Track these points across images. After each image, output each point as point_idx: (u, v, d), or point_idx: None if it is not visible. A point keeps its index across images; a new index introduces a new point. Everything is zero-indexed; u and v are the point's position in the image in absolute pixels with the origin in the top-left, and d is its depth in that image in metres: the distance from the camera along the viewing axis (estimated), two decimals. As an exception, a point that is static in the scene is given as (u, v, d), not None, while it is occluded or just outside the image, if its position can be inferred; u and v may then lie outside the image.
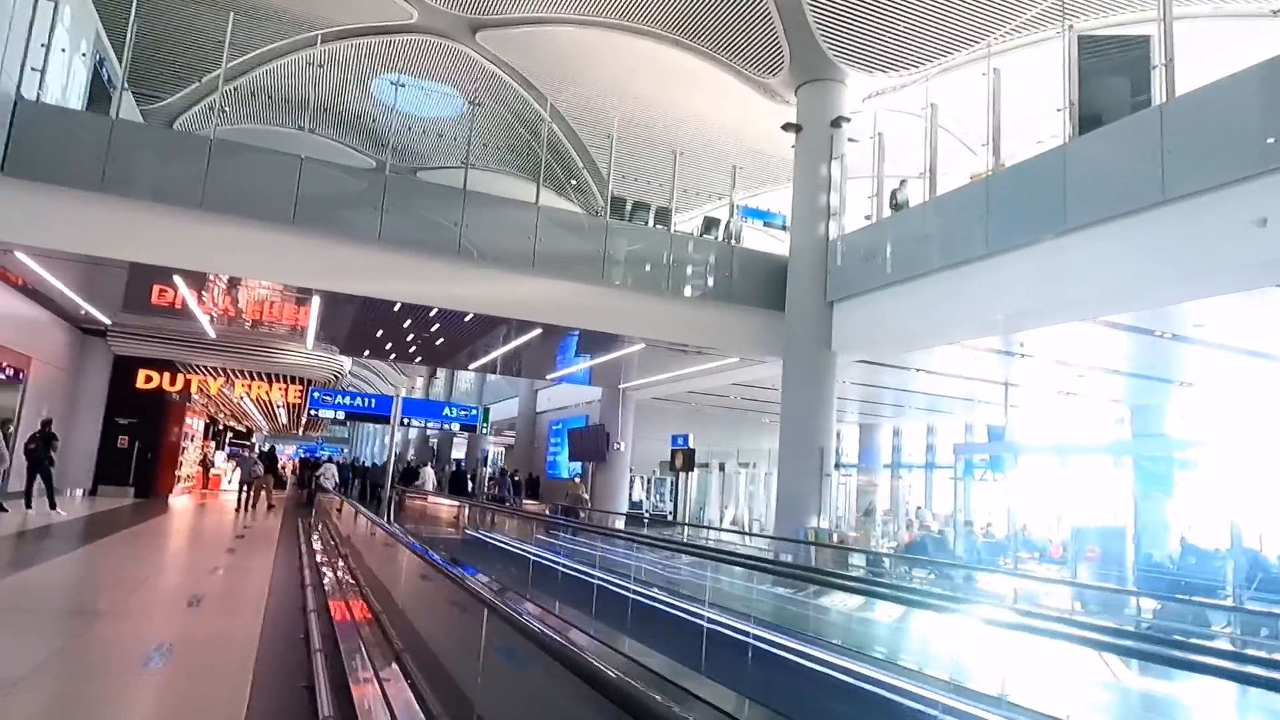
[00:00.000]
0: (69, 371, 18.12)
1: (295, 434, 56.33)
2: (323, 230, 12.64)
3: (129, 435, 19.53)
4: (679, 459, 18.76)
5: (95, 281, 15.37)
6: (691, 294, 14.87)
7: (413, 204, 13.33)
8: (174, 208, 11.89)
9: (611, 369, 20.41)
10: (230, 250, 12.31)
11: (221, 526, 14.01)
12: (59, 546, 10.29)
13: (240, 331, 19.12)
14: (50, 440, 13.52)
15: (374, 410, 17.52)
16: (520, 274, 13.72)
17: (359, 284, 13.07)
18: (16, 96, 11.22)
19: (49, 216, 11.42)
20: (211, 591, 7.16)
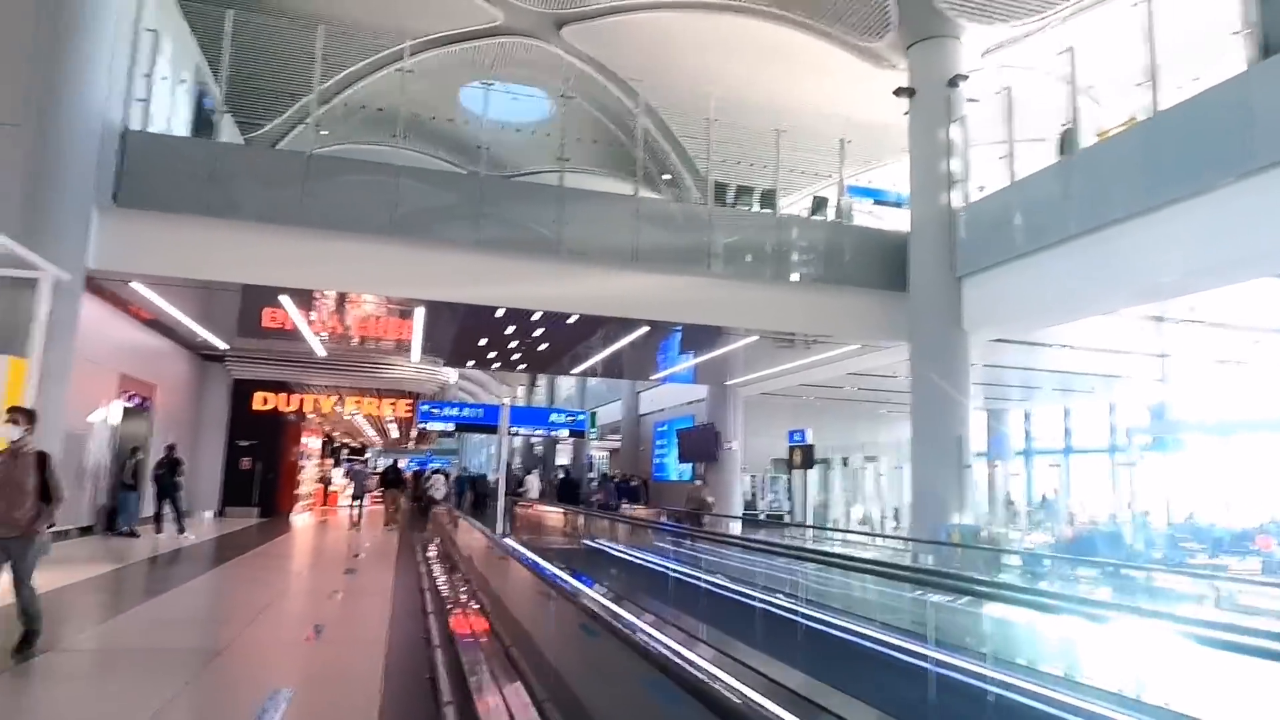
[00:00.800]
0: (191, 397, 18.68)
1: (406, 448, 57.81)
2: (421, 239, 12.38)
3: (250, 457, 20.02)
4: (797, 456, 17.79)
5: (210, 308, 15.70)
6: (803, 279, 13.95)
7: (509, 206, 12.93)
8: (277, 226, 11.86)
9: (717, 366, 19.62)
10: (332, 265, 12.20)
11: (340, 544, 13.98)
12: (184, 572, 10.29)
13: (348, 349, 19.28)
14: (176, 465, 13.79)
15: (482, 420, 17.34)
16: (621, 270, 13.14)
17: (459, 291, 12.78)
18: (124, 128, 11.38)
19: (161, 244, 11.54)
20: (332, 620, 6.80)
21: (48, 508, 5.29)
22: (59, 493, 5.37)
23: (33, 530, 5.22)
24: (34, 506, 5.22)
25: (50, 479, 5.32)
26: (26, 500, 5.20)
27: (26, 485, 5.21)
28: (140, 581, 9.37)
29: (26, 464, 5.28)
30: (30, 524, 5.20)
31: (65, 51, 10.53)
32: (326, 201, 12.06)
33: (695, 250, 13.48)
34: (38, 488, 5.26)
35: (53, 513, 5.35)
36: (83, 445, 12.64)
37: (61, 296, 10.04)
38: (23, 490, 5.19)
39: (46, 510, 5.28)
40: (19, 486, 5.20)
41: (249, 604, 7.72)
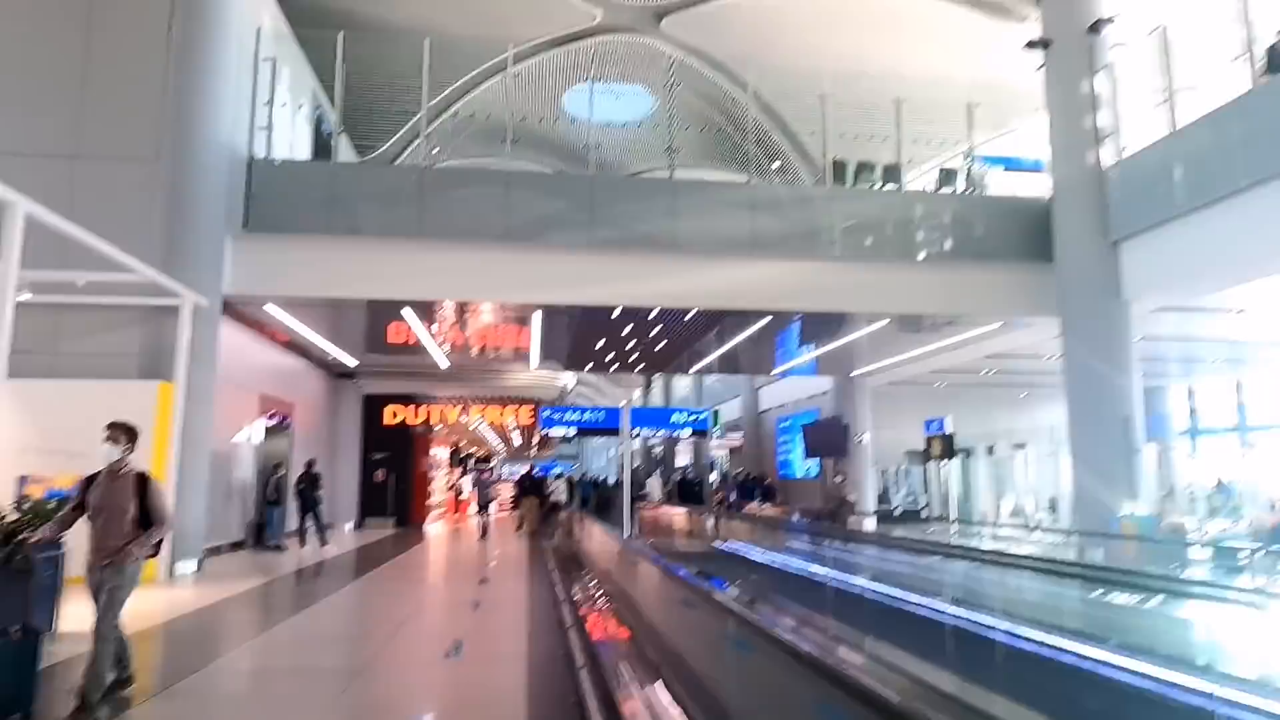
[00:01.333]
0: (327, 414, 19.40)
1: (528, 455, 59.01)
2: (535, 244, 12.26)
3: (384, 469, 20.63)
4: (936, 446, 16.70)
5: (339, 327, 16.20)
6: (935, 257, 13.01)
7: (620, 205, 12.63)
8: (397, 241, 12.01)
9: (841, 356, 18.72)
10: (451, 275, 12.25)
11: (472, 553, 14.07)
12: (325, 586, 10.49)
13: (469, 360, 19.59)
14: (315, 480, 14.25)
15: (603, 423, 17.15)
16: (739, 260, 12.62)
17: (575, 293, 12.58)
18: (249, 156, 11.78)
19: (289, 266, 11.88)
20: (470, 634, 6.61)
21: (147, 534, 4.75)
22: (161, 516, 4.82)
23: (126, 557, 4.66)
24: (133, 532, 4.71)
25: (152, 502, 4.80)
26: (125, 525, 4.70)
27: (127, 509, 4.72)
28: (285, 596, 9.57)
29: (126, 486, 4.78)
30: (124, 550, 4.65)
31: (194, 87, 10.98)
32: (442, 214, 12.12)
33: (816, 234, 12.79)
34: (137, 512, 4.74)
35: (154, 539, 4.82)
36: (229, 464, 13.19)
37: (201, 321, 10.45)
38: (122, 514, 4.70)
39: (145, 536, 4.74)
40: (118, 510, 4.71)
41: (388, 618, 7.67)
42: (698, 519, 15.62)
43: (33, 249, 8.63)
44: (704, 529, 15.60)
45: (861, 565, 8.15)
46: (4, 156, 9.66)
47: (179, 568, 10.02)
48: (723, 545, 13.43)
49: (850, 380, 21.06)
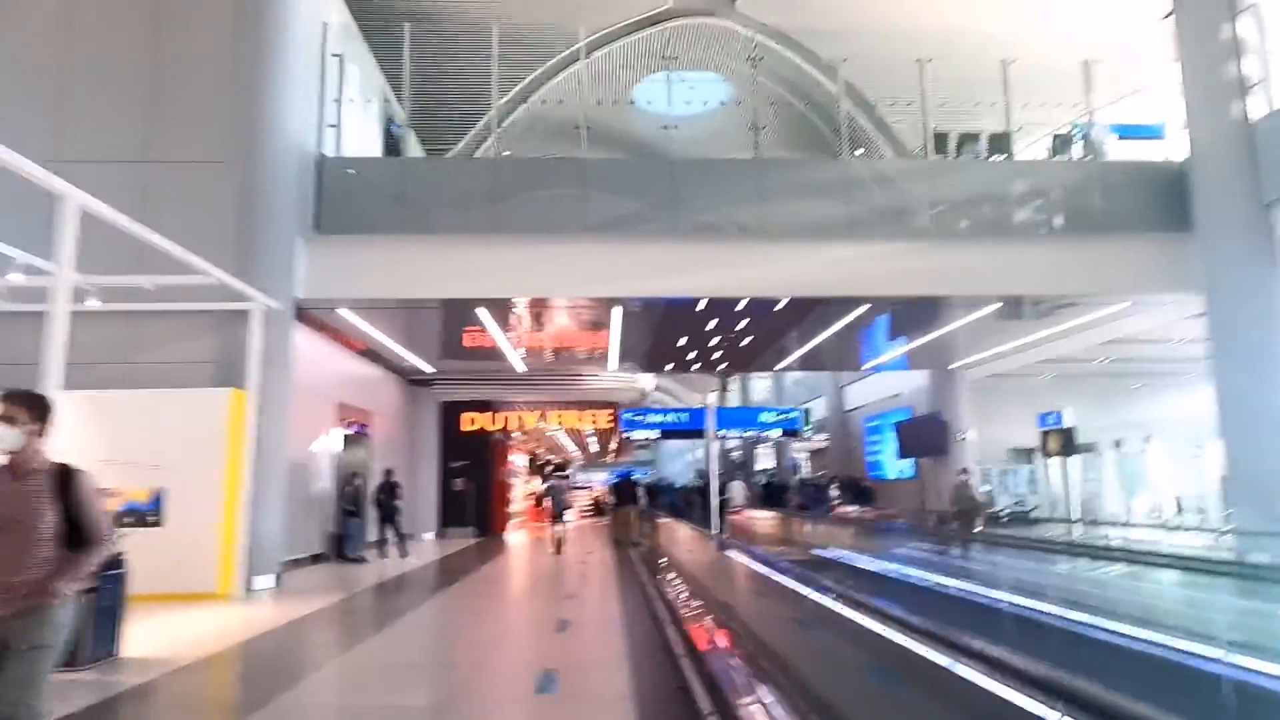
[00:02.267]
0: (405, 422, 19.12)
1: (605, 461, 58.59)
2: (615, 234, 11.54)
3: (463, 477, 20.24)
4: (1053, 441, 15.26)
5: (415, 333, 15.80)
6: (1052, 232, 11.74)
7: (704, 188, 11.79)
8: (470, 237, 11.48)
9: (938, 348, 17.40)
10: (527, 271, 11.60)
11: (558, 564, 13.39)
12: (405, 602, 9.94)
13: (546, 364, 19.04)
14: (394, 489, 13.82)
15: (687, 425, 16.36)
16: (832, 243, 11.64)
17: (658, 284, 11.78)
18: (319, 155, 11.40)
19: (361, 267, 11.44)
20: (562, 663, 5.85)
21: (76, 558, 3.04)
22: (96, 531, 3.08)
23: (45, 599, 2.93)
24: (53, 556, 3.00)
25: (81, 511, 3.06)
26: (38, 548, 2.98)
27: (37, 523, 2.98)
28: (362, 615, 9.03)
29: (38, 489, 3.03)
30: (41, 590, 2.93)
31: (262, 87, 10.62)
32: (517, 208, 11.52)
33: (918, 212, 11.72)
34: (61, 527, 3.03)
35: (86, 566, 3.08)
36: (307, 474, 12.85)
37: (274, 326, 10.04)
38: (30, 531, 2.97)
39: (73, 563, 3.03)
40: (25, 526, 2.98)
41: (472, 641, 7.00)
42: (790, 523, 14.62)
43: (106, 258, 8.41)
44: (796, 534, 14.58)
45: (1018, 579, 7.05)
46: (76, 164, 9.47)
47: (256, 582, 9.61)
48: (824, 552, 12.41)
49: (949, 374, 19.69)
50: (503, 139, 16.06)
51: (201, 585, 8.93)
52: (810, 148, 18.99)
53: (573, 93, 18.11)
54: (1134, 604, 5.86)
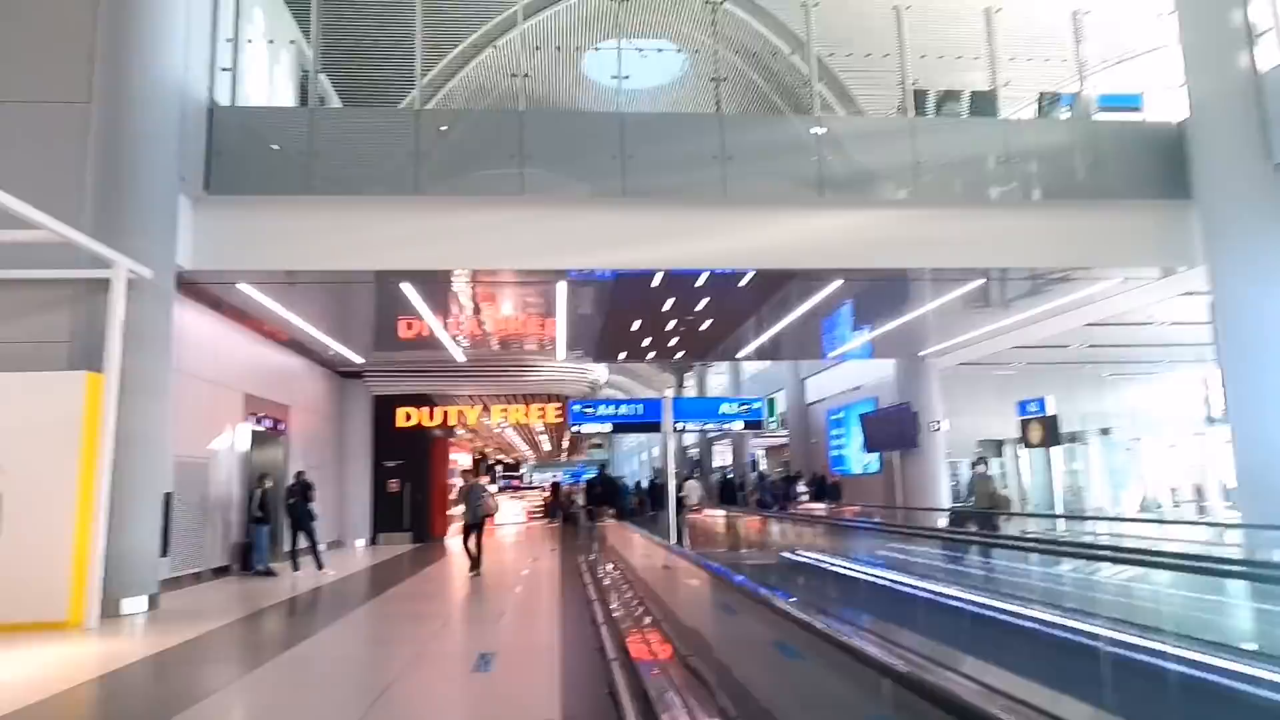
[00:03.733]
0: (332, 418, 17.40)
1: (559, 460, 57.00)
2: (558, 197, 10.13)
3: (398, 478, 18.59)
4: (1035, 431, 14.25)
5: (339, 317, 14.15)
6: (1041, 198, 10.68)
7: (658, 146, 10.42)
8: (391, 201, 9.97)
9: (908, 334, 16.31)
10: (458, 241, 10.12)
11: (496, 574, 11.91)
12: (305, 626, 8.40)
13: (489, 353, 17.53)
14: (306, 491, 12.16)
15: (642, 417, 15.00)
16: (804, 210, 10.41)
17: (609, 256, 10.38)
18: (210, 104, 9.75)
19: (261, 235, 9.85)
20: (488, 708, 4.41)
21: None
22: None
23: None
24: None
25: None
26: None
27: None
28: (244, 645, 7.45)
29: None
30: None
31: (133, 17, 8.93)
32: (444, 167, 10.04)
33: (895, 176, 10.53)
34: None
35: None
36: (205, 475, 11.16)
37: (148, 299, 8.40)
38: None
39: None
40: None
41: (364, 685, 5.51)
42: (754, 523, 13.37)
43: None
44: (758, 535, 13.33)
45: (1089, 596, 5.77)
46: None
47: (125, 605, 7.97)
48: (794, 555, 11.14)
49: (917, 362, 18.64)
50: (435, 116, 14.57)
51: (47, 611, 7.29)
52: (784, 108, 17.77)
53: (512, 65, 16.66)
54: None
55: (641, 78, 17.57)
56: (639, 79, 17.52)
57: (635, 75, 17.34)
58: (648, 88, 17.73)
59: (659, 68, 17.59)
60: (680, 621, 5.61)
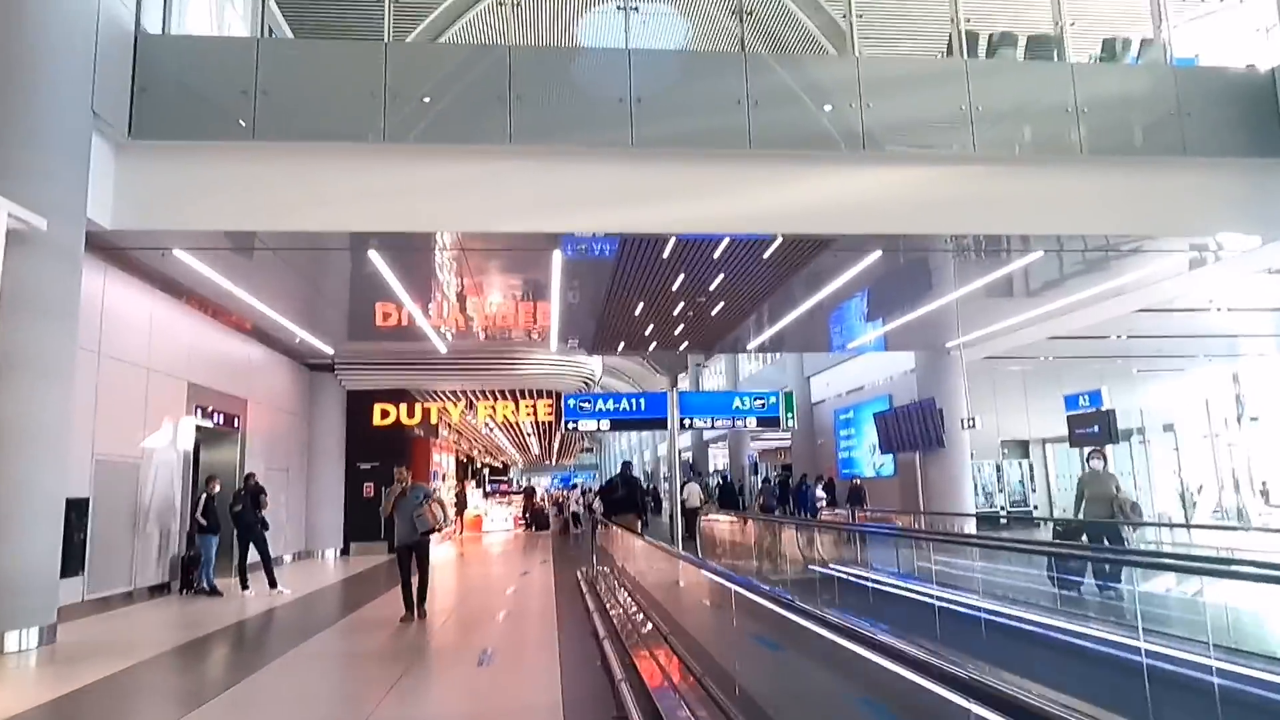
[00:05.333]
0: (299, 415, 15.72)
1: (548, 464, 55.32)
2: (555, 149, 8.53)
3: (373, 481, 16.90)
4: (1092, 428, 12.71)
5: (309, 301, 12.51)
6: (1111, 154, 9.15)
7: (673, 90, 8.82)
8: (355, 149, 8.35)
9: (935, 323, 14.79)
10: (433, 197, 8.52)
11: (480, 594, 10.31)
12: (223, 673, 6.74)
13: (474, 345, 15.90)
14: (256, 498, 10.49)
15: (643, 413, 13.46)
16: (842, 166, 8.89)
17: (613, 217, 8.80)
18: (137, 31, 8.10)
19: (201, 188, 8.21)
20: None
21: None
22: None
23: None
24: None
25: None
26: None
27: None
28: (145, 695, 5.79)
29: None
30: None
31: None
32: (419, 107, 8.40)
33: (948, 126, 8.99)
34: None
35: None
36: (137, 477, 9.49)
37: (43, 256, 6.75)
38: None
39: None
40: None
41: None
42: (770, 531, 11.79)
43: None
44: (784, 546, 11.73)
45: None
46: None
47: (8, 641, 6.30)
48: (822, 569, 9.55)
49: (940, 355, 17.14)
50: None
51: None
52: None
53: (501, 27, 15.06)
54: None
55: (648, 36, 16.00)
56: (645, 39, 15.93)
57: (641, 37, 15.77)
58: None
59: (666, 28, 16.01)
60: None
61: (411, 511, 8.12)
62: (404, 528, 8.22)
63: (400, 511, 8.24)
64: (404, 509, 8.19)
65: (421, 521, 8.09)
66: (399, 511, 8.24)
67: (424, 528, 8.12)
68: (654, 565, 7.56)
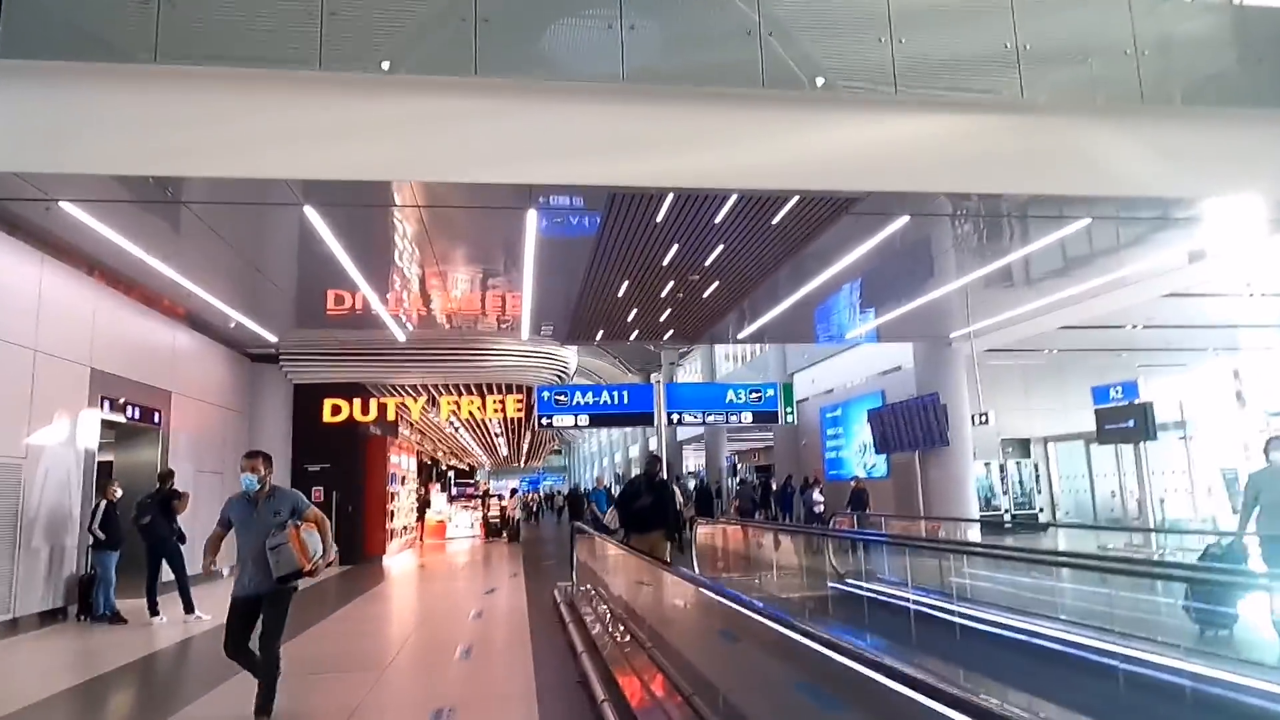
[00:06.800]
0: (237, 410, 14.01)
1: (516, 466, 53.63)
2: (530, 80, 7.05)
3: (323, 485, 15.23)
4: (1129, 421, 11.49)
5: (249, 282, 10.86)
6: (1175, 102, 7.91)
7: (673, 16, 7.40)
8: (281, 74, 6.76)
9: (939, 311, 13.55)
10: (380, 138, 6.95)
11: (440, 616, 8.79)
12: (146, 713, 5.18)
13: (437, 333, 14.35)
14: (167, 505, 8.81)
15: (625, 407, 12.01)
16: (870, 111, 7.50)
17: (602, 167, 7.30)
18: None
19: (86, 122, 6.58)
20: None
21: None
22: None
23: None
24: None
25: None
26: None
27: None
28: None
29: None
30: None
31: None
32: (364, 28, 6.86)
33: (993, 67, 7.68)
34: None
35: None
36: (19, 480, 7.83)
37: None
38: None
39: None
40: None
41: None
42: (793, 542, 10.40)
43: None
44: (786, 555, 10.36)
45: None
46: None
47: None
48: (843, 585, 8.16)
49: (944, 347, 15.93)
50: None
51: None
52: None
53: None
54: None
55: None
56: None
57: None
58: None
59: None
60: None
61: (265, 536, 4.75)
62: (251, 565, 4.83)
63: (245, 533, 4.87)
64: (250, 529, 4.84)
65: (282, 558, 4.70)
66: (241, 532, 4.89)
67: (285, 569, 4.72)
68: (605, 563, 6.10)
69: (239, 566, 4.91)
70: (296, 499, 5.03)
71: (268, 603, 4.81)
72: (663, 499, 8.18)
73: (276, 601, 4.83)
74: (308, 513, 4.96)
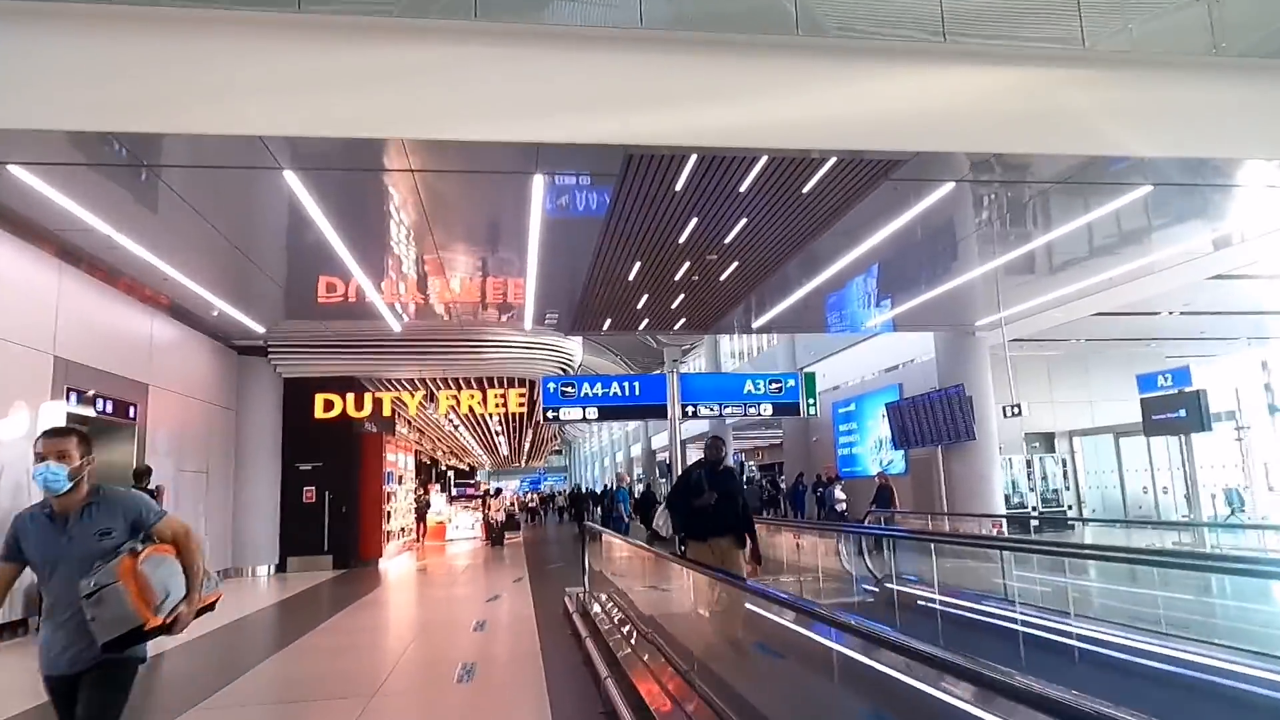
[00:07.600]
0: (223, 405, 13.21)
1: (517, 466, 52.81)
2: (537, 25, 6.29)
3: (315, 485, 14.44)
4: (1179, 411, 10.72)
5: (231, 264, 10.06)
6: (1260, 53, 7.16)
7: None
8: (260, 15, 6.01)
9: (963, 298, 12.79)
10: (364, 90, 6.16)
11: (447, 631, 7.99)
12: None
13: (435, 323, 13.60)
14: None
15: (636, 399, 11.24)
16: (916, 62, 6.74)
17: (618, 125, 6.50)
18: None
19: (33, 70, 5.80)
20: None
21: None
22: None
23: None
24: None
25: None
26: None
27: None
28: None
29: None
30: None
31: None
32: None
33: (1050, 14, 6.94)
34: None
35: None
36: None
37: None
38: None
39: None
40: None
41: None
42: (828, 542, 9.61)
43: None
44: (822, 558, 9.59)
45: None
46: None
47: None
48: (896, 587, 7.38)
49: (968, 336, 15.15)
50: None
51: None
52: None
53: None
54: None
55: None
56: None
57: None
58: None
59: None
60: None
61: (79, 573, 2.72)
62: (61, 622, 2.81)
63: (50, 569, 2.84)
64: (59, 562, 2.81)
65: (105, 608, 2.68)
66: (44, 568, 2.85)
67: (113, 627, 2.69)
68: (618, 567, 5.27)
69: (44, 625, 2.90)
70: (139, 506, 2.97)
71: (88, 684, 2.81)
72: (730, 492, 6.45)
73: (102, 683, 2.81)
74: (159, 527, 2.94)
